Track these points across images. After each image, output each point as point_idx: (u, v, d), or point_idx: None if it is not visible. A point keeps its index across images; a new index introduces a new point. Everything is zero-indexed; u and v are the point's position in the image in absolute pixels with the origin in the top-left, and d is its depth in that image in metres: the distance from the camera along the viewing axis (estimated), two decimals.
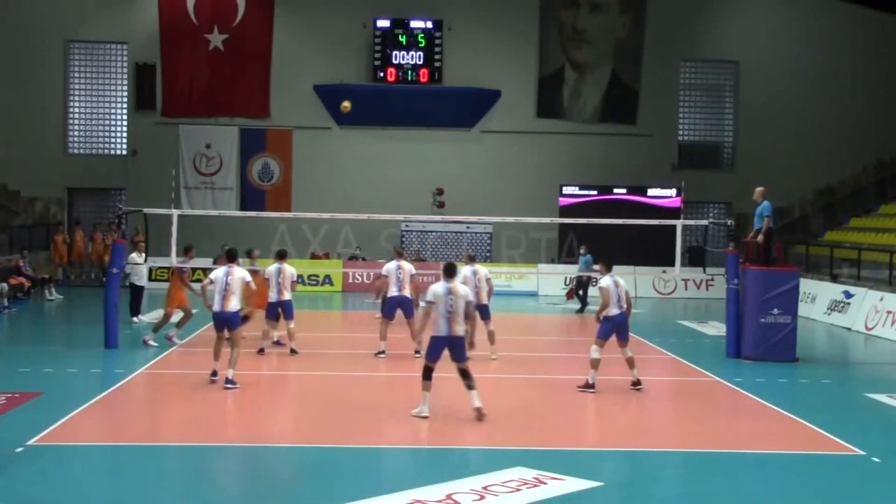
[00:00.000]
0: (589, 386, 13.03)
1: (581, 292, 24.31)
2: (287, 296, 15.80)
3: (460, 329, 11.18)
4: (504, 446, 10.26)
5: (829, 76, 32.64)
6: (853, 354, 19.30)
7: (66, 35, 31.59)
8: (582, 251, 24.11)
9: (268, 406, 12.40)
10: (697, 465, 9.93)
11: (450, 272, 11.39)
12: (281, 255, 16.21)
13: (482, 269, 16.01)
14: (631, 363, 13.40)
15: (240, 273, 13.06)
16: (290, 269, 15.98)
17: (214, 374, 13.06)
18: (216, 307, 12.93)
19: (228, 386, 12.69)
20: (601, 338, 13.14)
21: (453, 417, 11.77)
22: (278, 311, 15.85)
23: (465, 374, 11.27)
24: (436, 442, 10.57)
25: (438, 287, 11.25)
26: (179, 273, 17.01)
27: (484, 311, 15.46)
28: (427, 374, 11.27)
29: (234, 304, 12.92)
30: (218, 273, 13.02)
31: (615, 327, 13.20)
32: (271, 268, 15.94)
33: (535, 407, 12.30)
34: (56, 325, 21.42)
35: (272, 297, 15.76)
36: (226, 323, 12.99)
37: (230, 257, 13.30)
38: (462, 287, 11.46)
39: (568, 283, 27.21)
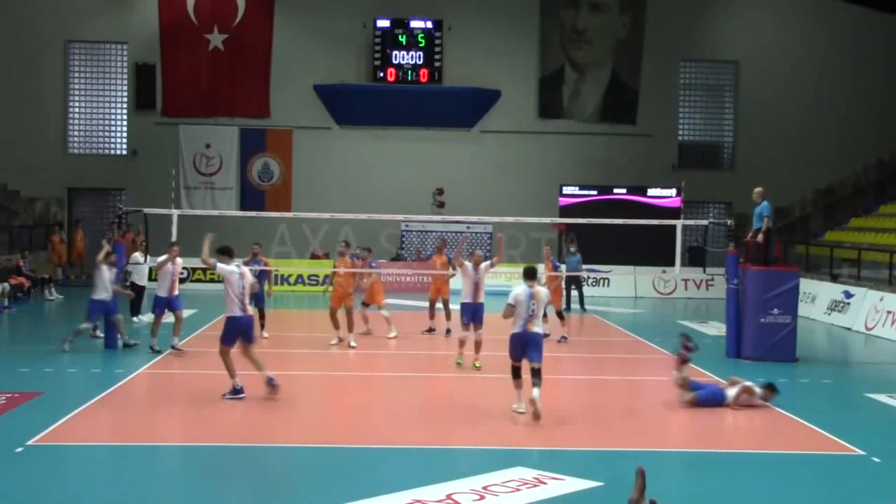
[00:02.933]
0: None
1: (575, 291, 24.25)
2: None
3: (537, 328, 11.40)
4: (504, 446, 10.26)
5: (829, 76, 32.64)
6: (853, 354, 19.31)
7: (66, 35, 31.58)
8: (572, 249, 23.86)
9: (267, 406, 12.38)
10: (697, 465, 9.93)
11: (531, 275, 11.48)
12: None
13: None
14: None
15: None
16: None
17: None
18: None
19: None
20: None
21: (453, 417, 11.77)
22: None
23: (535, 373, 11.21)
24: (436, 442, 10.57)
25: (520, 290, 11.34)
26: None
27: None
28: (516, 372, 11.55)
29: None
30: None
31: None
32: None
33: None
34: (56, 325, 21.41)
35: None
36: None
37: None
38: (543, 290, 11.60)
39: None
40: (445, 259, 19.42)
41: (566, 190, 30.25)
